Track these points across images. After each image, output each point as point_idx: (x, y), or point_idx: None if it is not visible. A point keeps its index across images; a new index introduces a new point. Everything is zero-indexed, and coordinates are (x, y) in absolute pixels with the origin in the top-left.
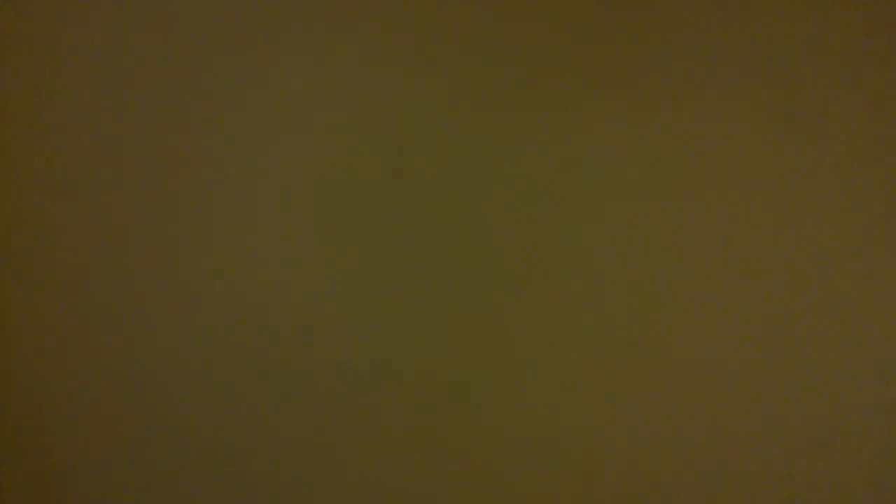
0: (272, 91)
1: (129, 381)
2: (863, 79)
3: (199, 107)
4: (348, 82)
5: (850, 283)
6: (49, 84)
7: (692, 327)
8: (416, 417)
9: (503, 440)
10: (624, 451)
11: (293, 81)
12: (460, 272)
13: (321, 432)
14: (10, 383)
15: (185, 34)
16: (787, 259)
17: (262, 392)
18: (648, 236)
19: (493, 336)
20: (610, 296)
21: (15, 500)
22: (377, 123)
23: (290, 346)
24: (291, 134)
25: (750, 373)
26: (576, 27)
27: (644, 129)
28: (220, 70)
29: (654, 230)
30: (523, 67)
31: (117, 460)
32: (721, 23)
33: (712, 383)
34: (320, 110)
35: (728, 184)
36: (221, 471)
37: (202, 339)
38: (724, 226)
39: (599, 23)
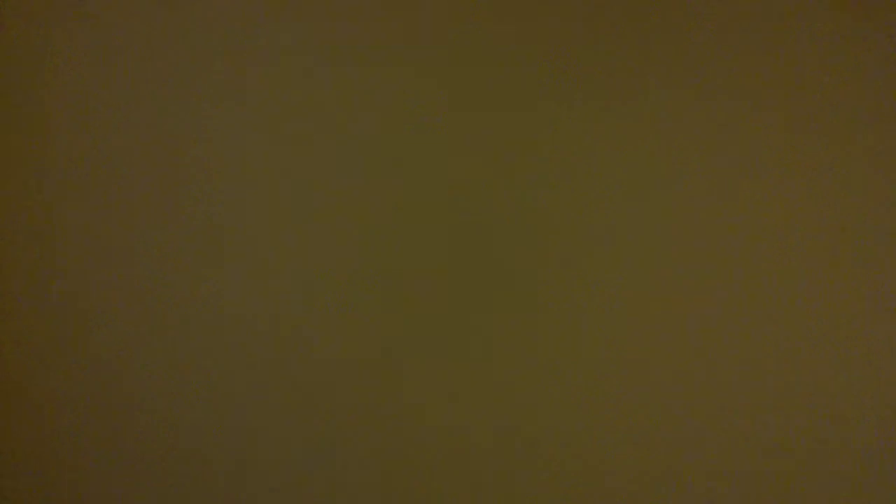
0: (272, 93)
1: (127, 381)
2: (863, 79)
3: (199, 107)
4: (348, 84)
5: (849, 282)
6: (51, 86)
7: (692, 327)
8: (414, 417)
9: (502, 440)
10: (623, 449)
11: (293, 82)
12: (458, 271)
13: (319, 432)
14: (11, 385)
15: (184, 36)
16: (788, 259)
17: (260, 392)
18: (649, 237)
19: (491, 335)
20: (611, 295)
21: (14, 501)
22: (377, 124)
23: (287, 346)
24: (290, 134)
25: (750, 373)
26: (577, 29)
27: (643, 129)
28: (220, 71)
29: (655, 231)
30: (523, 68)
31: (115, 461)
32: (721, 23)
33: (712, 383)
34: (318, 111)
35: (729, 184)
36: (219, 470)
37: (200, 341)
38: (725, 226)
39: (601, 23)
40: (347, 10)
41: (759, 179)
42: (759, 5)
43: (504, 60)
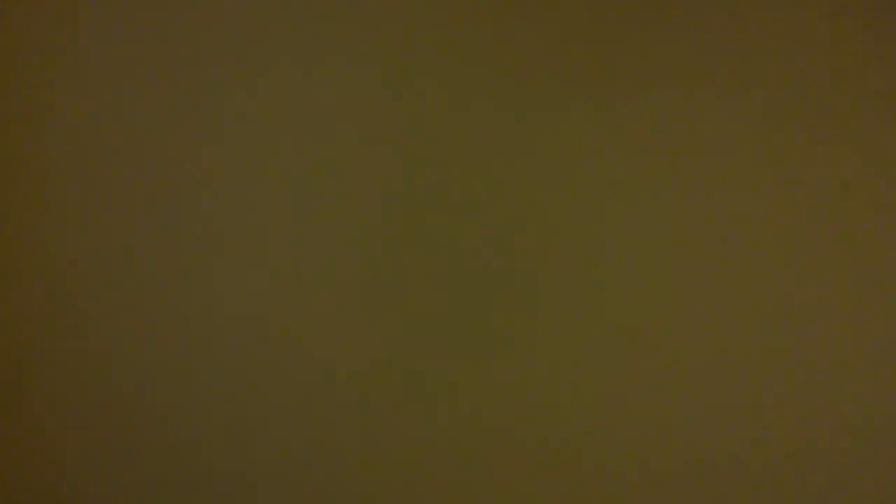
0: (270, 92)
1: (127, 383)
2: (863, 79)
3: (199, 107)
4: (350, 83)
5: (848, 281)
6: (50, 86)
7: (691, 326)
8: (414, 419)
9: (501, 441)
10: (622, 451)
11: (292, 82)
12: (457, 272)
13: (320, 433)
14: (8, 386)
15: (183, 36)
16: (787, 258)
17: (260, 393)
18: (650, 237)
19: (490, 336)
20: (609, 295)
21: (14, 501)
22: (375, 124)
23: (288, 346)
24: (288, 135)
25: (752, 373)
26: (578, 29)
27: (644, 129)
28: (220, 71)
29: (656, 231)
30: (523, 68)
31: (115, 461)
32: (720, 22)
33: (711, 382)
34: (318, 111)
35: (728, 184)
36: (220, 471)
37: (201, 341)
38: (724, 225)
39: (601, 23)
40: (347, 10)
41: (760, 179)
42: (759, 6)
43: (504, 60)
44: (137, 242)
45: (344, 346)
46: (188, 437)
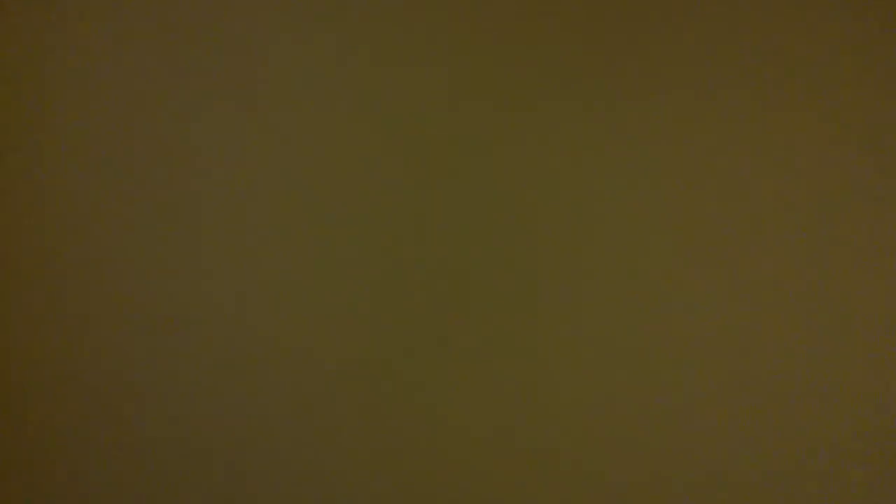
0: (268, 92)
1: (126, 383)
2: (863, 78)
3: (198, 108)
4: (351, 83)
5: (847, 281)
6: (48, 85)
7: (690, 327)
8: (414, 420)
9: (500, 442)
10: (617, 455)
11: (292, 80)
12: (456, 272)
13: (319, 433)
14: (7, 385)
15: (183, 33)
16: (789, 258)
17: (261, 394)
18: (649, 237)
19: (490, 336)
20: (609, 295)
21: (14, 501)
22: (376, 123)
23: (286, 347)
24: (288, 134)
25: (750, 372)
26: (579, 27)
27: (643, 129)
28: (220, 71)
29: (655, 231)
30: (523, 68)
31: (113, 463)
32: (721, 23)
33: (710, 384)
34: (320, 111)
35: (730, 183)
36: (221, 472)
37: (197, 341)
38: (725, 225)
39: (601, 23)
40: (347, 10)
41: (759, 179)
42: (759, 6)
43: (505, 61)
44: (139, 243)
45: (342, 346)
46: (187, 437)
